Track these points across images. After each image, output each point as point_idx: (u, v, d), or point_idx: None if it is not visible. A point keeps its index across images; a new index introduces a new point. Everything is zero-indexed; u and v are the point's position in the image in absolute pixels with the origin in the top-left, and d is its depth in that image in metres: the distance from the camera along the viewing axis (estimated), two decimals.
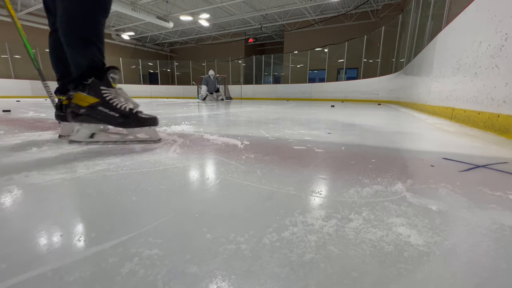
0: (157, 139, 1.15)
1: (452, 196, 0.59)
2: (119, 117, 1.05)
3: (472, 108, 1.95)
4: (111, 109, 1.04)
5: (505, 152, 1.07)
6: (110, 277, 0.32)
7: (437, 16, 3.68)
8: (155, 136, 1.14)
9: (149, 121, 1.11)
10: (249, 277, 0.32)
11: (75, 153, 0.96)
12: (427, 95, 3.43)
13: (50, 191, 0.60)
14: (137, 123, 1.09)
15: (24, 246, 0.38)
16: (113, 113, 1.04)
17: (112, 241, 0.39)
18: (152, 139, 1.13)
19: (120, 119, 1.05)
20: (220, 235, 0.41)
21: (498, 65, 1.62)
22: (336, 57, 11.99)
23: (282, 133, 1.55)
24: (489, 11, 1.79)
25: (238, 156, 0.96)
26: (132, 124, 1.08)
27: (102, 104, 1.03)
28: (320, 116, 2.90)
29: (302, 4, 10.44)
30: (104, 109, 1.03)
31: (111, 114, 1.04)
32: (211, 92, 8.97)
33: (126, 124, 1.07)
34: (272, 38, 16.51)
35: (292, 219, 0.47)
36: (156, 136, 1.15)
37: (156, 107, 4.48)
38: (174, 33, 16.00)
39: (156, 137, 1.15)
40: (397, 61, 7.46)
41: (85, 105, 1.01)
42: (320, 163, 0.87)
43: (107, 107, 1.03)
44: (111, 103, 1.04)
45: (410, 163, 0.89)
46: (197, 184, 0.66)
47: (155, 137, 1.14)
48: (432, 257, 0.36)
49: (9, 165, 0.81)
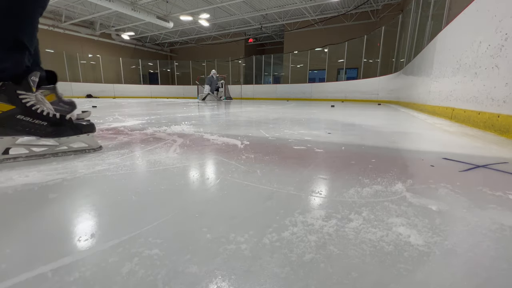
0: (97, 147, 1.02)
1: (452, 196, 0.59)
2: (48, 125, 0.89)
3: (472, 108, 1.95)
4: (35, 116, 0.87)
5: (505, 152, 1.07)
6: (110, 277, 0.32)
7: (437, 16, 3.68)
8: (95, 144, 1.02)
9: (87, 127, 0.98)
10: (249, 277, 0.32)
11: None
12: (427, 95, 3.43)
13: (50, 191, 0.60)
14: (73, 131, 0.94)
15: (24, 246, 0.38)
16: (38, 121, 0.87)
17: (112, 241, 0.39)
18: (92, 147, 1.00)
19: (50, 128, 0.90)
20: (220, 235, 0.41)
21: (498, 65, 1.62)
22: (336, 57, 11.99)
23: (282, 133, 1.55)
24: (489, 11, 1.79)
25: (238, 156, 0.96)
26: (67, 132, 0.93)
27: (22, 112, 0.85)
28: (320, 116, 2.90)
29: (302, 4, 10.44)
30: (25, 117, 0.85)
31: (37, 123, 0.87)
32: (212, 91, 9.11)
33: (59, 133, 0.92)
34: (272, 38, 16.51)
35: (292, 219, 0.47)
36: (96, 143, 1.02)
37: (156, 107, 4.48)
38: (174, 33, 16.00)
39: (95, 145, 1.02)
40: (397, 61, 7.47)
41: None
42: (320, 163, 0.87)
43: (29, 115, 0.86)
44: (34, 110, 0.87)
45: (410, 163, 0.89)
46: (197, 184, 0.66)
47: (95, 145, 1.02)
48: (432, 257, 0.36)
49: None
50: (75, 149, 0.97)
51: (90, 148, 1.00)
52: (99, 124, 1.96)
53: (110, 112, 3.21)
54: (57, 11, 11.59)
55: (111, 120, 2.28)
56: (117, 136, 1.40)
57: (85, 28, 13.63)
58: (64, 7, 11.05)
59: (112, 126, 1.82)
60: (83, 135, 0.97)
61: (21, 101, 0.85)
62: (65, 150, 0.95)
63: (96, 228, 0.43)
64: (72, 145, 0.97)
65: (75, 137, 0.96)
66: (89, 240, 0.40)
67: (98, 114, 2.94)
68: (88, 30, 13.80)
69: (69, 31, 13.19)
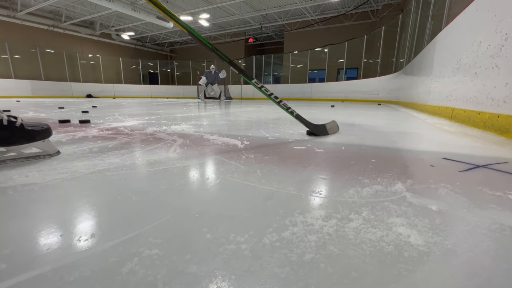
0: (54, 152, 0.94)
1: (452, 196, 0.59)
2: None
3: (472, 108, 1.95)
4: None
5: (505, 152, 1.07)
6: (110, 277, 0.32)
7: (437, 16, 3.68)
8: (52, 150, 0.93)
9: (42, 133, 0.89)
10: (249, 277, 0.32)
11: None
12: (427, 95, 3.43)
13: (50, 191, 0.60)
14: (26, 139, 0.85)
15: (24, 246, 0.38)
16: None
17: (112, 241, 0.39)
18: (48, 153, 0.92)
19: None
20: (220, 235, 0.41)
21: (498, 65, 1.62)
22: (336, 57, 11.98)
23: (282, 133, 1.55)
24: (489, 11, 1.79)
25: (238, 156, 0.96)
26: (19, 141, 0.84)
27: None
28: (320, 116, 2.89)
29: (302, 4, 10.43)
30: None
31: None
32: (207, 85, 9.24)
33: (11, 142, 0.82)
34: (272, 38, 16.50)
35: (292, 219, 0.47)
36: (53, 149, 0.94)
37: (156, 107, 4.48)
38: (174, 33, 15.99)
39: (53, 150, 0.94)
40: (397, 61, 7.46)
41: None
42: (320, 163, 0.87)
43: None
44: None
45: (410, 163, 0.89)
46: (197, 184, 0.66)
47: (52, 150, 0.93)
48: (432, 257, 0.36)
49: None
50: (27, 155, 0.88)
51: (45, 154, 0.92)
52: (99, 124, 1.96)
53: (110, 112, 3.21)
54: (57, 11, 11.58)
55: (111, 120, 2.28)
56: (117, 136, 1.40)
57: (85, 28, 13.62)
58: (64, 7, 11.04)
59: (112, 126, 1.82)
60: (37, 142, 0.88)
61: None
62: (15, 157, 0.85)
63: (96, 228, 0.43)
64: (23, 150, 0.88)
65: (27, 145, 0.86)
66: (89, 240, 0.40)
67: (98, 114, 2.94)
68: (88, 30, 13.79)
69: (69, 31, 13.18)
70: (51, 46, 12.77)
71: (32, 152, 0.90)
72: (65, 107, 4.23)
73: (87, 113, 3.05)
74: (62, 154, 0.93)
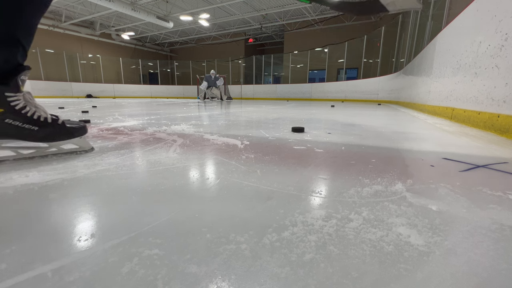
0: (89, 148, 1.00)
1: (452, 196, 0.59)
2: (39, 130, 0.84)
3: (472, 108, 1.95)
4: (25, 121, 0.82)
5: (505, 152, 1.07)
6: (110, 277, 0.32)
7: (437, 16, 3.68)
8: (86, 146, 1.00)
9: (79, 131, 0.96)
10: (249, 277, 0.32)
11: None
12: (427, 95, 3.43)
13: (50, 191, 0.60)
14: (67, 136, 0.91)
15: (24, 246, 0.38)
16: (28, 126, 0.82)
17: (112, 241, 0.39)
18: (83, 149, 0.98)
19: (42, 133, 0.85)
20: (220, 235, 0.41)
21: (498, 65, 1.62)
22: (336, 57, 11.99)
23: (282, 133, 1.55)
24: (489, 11, 1.79)
25: (238, 156, 0.96)
26: (61, 137, 0.90)
27: (11, 116, 0.79)
28: (320, 116, 2.90)
29: (302, 4, 10.43)
30: (14, 121, 0.80)
31: (26, 128, 0.82)
32: (208, 87, 9.46)
33: (52, 138, 0.88)
34: (272, 38, 16.50)
35: (292, 219, 0.47)
36: (88, 145, 1.00)
37: (156, 107, 4.48)
38: (174, 33, 15.99)
39: (87, 147, 1.00)
40: (397, 61, 7.47)
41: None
42: (320, 163, 0.87)
43: (18, 119, 0.80)
44: (24, 113, 0.81)
45: (410, 163, 0.89)
46: (197, 184, 0.66)
47: (87, 146, 1.00)
48: (432, 257, 0.36)
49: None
50: (66, 151, 0.94)
51: (81, 150, 0.98)
52: (99, 124, 1.96)
53: (110, 112, 3.21)
54: (57, 11, 11.59)
55: (111, 120, 2.28)
56: (117, 136, 1.40)
57: (85, 28, 13.63)
58: (64, 7, 11.05)
59: (112, 126, 1.82)
60: (75, 139, 0.94)
61: (9, 104, 0.79)
62: (55, 152, 0.91)
63: (96, 228, 0.43)
64: (63, 146, 0.94)
65: (67, 141, 0.92)
66: (89, 240, 0.39)
67: (98, 114, 2.94)
68: (88, 30, 13.80)
69: (69, 31, 13.19)
70: (51, 46, 12.77)
71: (70, 148, 0.95)
72: (65, 107, 4.23)
73: (87, 113, 3.06)
74: (62, 154, 0.93)
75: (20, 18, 0.78)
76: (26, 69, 0.83)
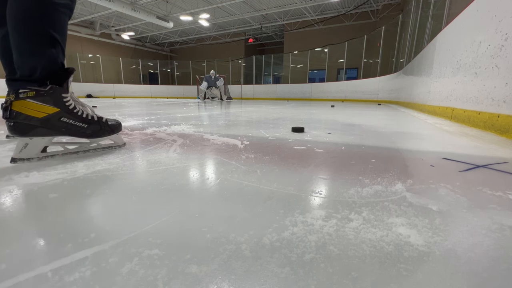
0: (122, 144, 1.09)
1: (452, 196, 0.59)
2: (87, 127, 0.94)
3: (472, 108, 1.95)
4: (77, 119, 0.91)
5: (505, 152, 1.07)
6: (110, 277, 0.32)
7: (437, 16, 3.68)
8: (120, 141, 1.09)
9: (118, 127, 1.05)
10: (249, 277, 0.32)
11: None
12: (427, 95, 3.43)
13: (50, 191, 0.60)
14: (109, 132, 1.01)
15: (24, 246, 0.38)
16: (79, 123, 0.92)
17: (112, 241, 0.39)
18: (117, 144, 1.07)
19: (89, 130, 0.94)
20: (220, 235, 0.41)
21: (498, 65, 1.62)
22: (336, 57, 11.99)
23: (282, 133, 1.55)
24: (489, 11, 1.79)
25: (238, 156, 0.96)
26: (104, 134, 0.99)
27: (65, 114, 0.88)
28: (320, 116, 2.90)
29: (302, 4, 10.44)
30: (68, 119, 0.89)
31: (77, 125, 0.91)
32: (208, 87, 9.54)
33: (98, 134, 0.98)
34: (272, 38, 16.51)
35: (292, 219, 0.47)
36: (121, 141, 1.10)
37: (156, 107, 4.48)
38: (174, 33, 15.99)
39: (121, 142, 1.09)
40: (397, 61, 7.47)
41: (40, 116, 0.83)
42: (320, 163, 0.87)
43: (71, 118, 0.89)
44: (75, 112, 0.91)
45: (410, 163, 0.89)
46: (197, 184, 0.66)
47: (120, 142, 1.09)
48: (432, 257, 0.36)
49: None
50: (104, 146, 1.03)
51: (116, 145, 1.07)
52: None
53: (110, 112, 3.21)
54: None
55: None
56: None
57: (85, 28, 13.62)
58: None
59: None
60: (114, 135, 1.04)
61: (65, 104, 0.88)
62: (95, 147, 1.01)
63: (96, 228, 0.43)
64: (101, 142, 1.03)
65: (107, 137, 1.02)
66: (89, 240, 0.39)
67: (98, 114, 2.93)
68: (88, 30, 13.79)
69: (69, 31, 13.15)
70: None
71: (107, 144, 1.05)
72: None
73: None
74: (62, 154, 0.93)
75: (54, 17, 0.83)
76: (74, 71, 0.92)
